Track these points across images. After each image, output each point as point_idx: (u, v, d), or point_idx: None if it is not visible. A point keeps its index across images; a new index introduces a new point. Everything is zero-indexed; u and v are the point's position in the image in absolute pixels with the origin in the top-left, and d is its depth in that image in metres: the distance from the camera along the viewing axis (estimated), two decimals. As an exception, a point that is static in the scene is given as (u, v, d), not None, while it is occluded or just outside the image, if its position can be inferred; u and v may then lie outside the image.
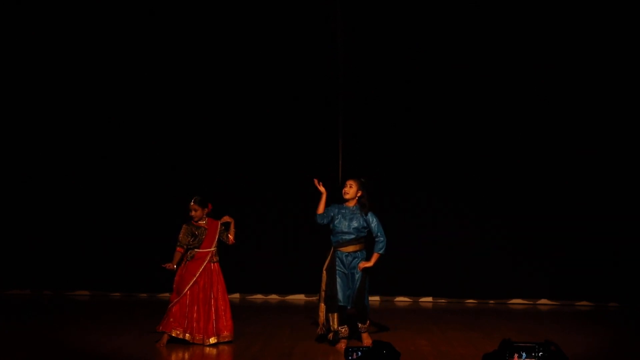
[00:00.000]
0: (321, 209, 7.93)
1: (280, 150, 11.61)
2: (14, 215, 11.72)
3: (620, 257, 11.20)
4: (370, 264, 7.88)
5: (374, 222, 7.95)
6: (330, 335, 7.95)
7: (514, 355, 5.20)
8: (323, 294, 7.96)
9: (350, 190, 7.98)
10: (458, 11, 11.36)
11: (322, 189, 7.93)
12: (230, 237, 8.27)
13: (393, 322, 9.54)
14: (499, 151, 11.44)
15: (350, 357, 5.52)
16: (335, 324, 7.91)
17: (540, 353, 5.14)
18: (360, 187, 8.00)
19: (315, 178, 7.96)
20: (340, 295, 7.86)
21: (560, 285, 11.39)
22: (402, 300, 11.77)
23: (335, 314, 7.91)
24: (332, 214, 7.96)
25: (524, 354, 5.19)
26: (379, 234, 7.93)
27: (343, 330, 7.90)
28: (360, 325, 8.00)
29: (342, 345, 7.84)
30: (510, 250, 11.40)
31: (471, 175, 11.47)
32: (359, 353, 5.47)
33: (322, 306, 7.99)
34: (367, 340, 7.93)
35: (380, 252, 7.90)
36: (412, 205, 11.42)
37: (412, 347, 7.99)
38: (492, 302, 11.59)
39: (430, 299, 11.76)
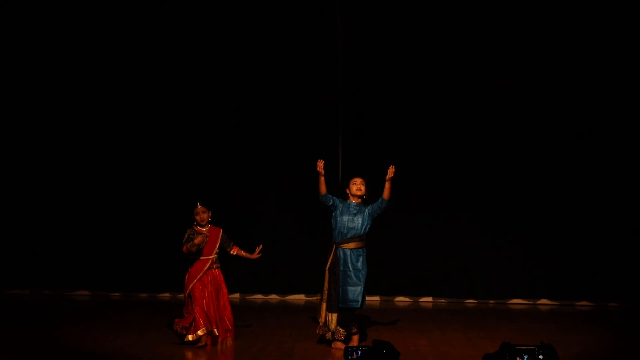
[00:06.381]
0: (323, 189, 7.99)
1: (280, 150, 11.58)
2: (14, 215, 11.69)
3: (620, 257, 11.20)
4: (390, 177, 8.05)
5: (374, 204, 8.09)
6: (329, 335, 7.95)
7: (515, 358, 5.19)
8: (325, 293, 7.98)
9: (363, 187, 8.09)
10: (460, 10, 11.35)
11: (321, 171, 7.93)
12: (235, 252, 8.36)
13: (393, 322, 9.54)
14: (499, 151, 11.42)
15: (349, 357, 5.52)
16: (333, 324, 7.91)
17: (541, 356, 5.14)
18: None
19: (321, 160, 7.95)
20: (341, 295, 7.87)
21: (560, 285, 11.38)
22: (402, 300, 11.76)
23: (335, 314, 7.91)
24: (336, 203, 8.04)
25: (525, 357, 5.18)
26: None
27: (350, 329, 7.91)
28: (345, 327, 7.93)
29: (337, 345, 7.83)
30: (510, 250, 11.38)
31: (471, 175, 11.45)
32: (359, 353, 5.48)
33: (324, 305, 7.98)
34: (340, 346, 7.78)
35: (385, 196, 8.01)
36: (412, 204, 11.38)
37: (412, 347, 8.00)
38: (492, 302, 11.58)
39: (430, 299, 11.75)
